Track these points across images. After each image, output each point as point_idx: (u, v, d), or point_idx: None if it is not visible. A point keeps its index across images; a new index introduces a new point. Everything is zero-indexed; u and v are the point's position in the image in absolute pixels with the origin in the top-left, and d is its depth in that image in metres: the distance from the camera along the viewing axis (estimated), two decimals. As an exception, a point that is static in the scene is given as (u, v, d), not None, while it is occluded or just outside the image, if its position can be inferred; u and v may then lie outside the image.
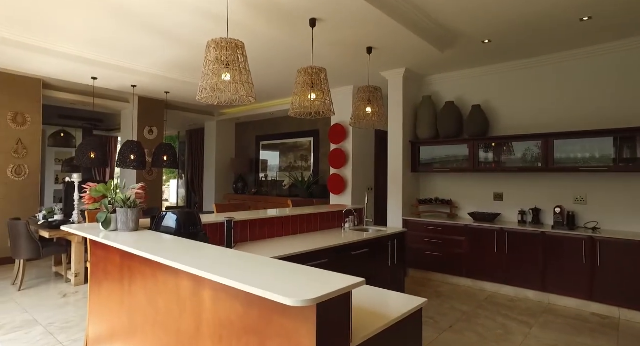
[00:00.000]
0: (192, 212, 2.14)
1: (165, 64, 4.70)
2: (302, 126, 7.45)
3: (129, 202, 1.98)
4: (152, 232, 2.07)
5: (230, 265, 1.38)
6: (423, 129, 5.00)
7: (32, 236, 4.18)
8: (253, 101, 2.39)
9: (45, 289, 4.18)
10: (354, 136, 5.93)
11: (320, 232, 3.39)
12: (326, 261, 2.67)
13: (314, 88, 2.88)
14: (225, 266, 1.36)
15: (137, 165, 5.29)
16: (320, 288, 1.08)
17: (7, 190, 5.29)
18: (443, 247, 4.52)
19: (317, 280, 1.20)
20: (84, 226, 2.23)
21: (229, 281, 1.15)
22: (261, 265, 1.40)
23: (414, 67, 4.72)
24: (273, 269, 1.34)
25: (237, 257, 1.53)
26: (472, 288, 4.28)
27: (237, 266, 1.37)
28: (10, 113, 5.34)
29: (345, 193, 5.94)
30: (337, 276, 1.25)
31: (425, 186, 5.30)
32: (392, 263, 3.40)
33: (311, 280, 1.21)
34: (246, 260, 1.49)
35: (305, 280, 1.20)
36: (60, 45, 4.05)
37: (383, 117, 3.57)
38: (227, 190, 8.56)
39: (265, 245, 2.73)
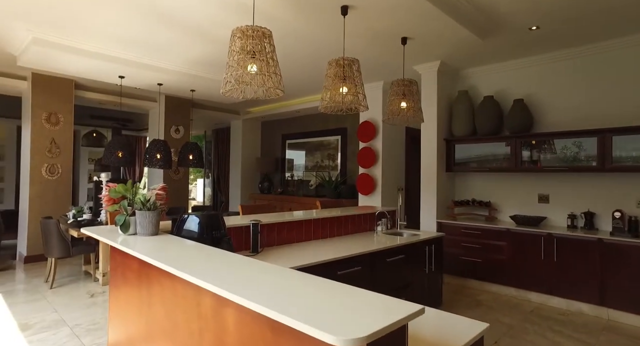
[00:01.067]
0: (215, 215, 1.98)
1: (190, 61, 4.62)
2: (329, 124, 7.24)
3: (148, 204, 1.84)
4: (173, 237, 1.92)
5: (258, 282, 1.19)
6: (459, 126, 4.68)
7: (63, 235, 4.19)
8: (281, 94, 2.20)
9: (74, 288, 4.19)
10: (384, 134, 5.66)
11: (351, 236, 3.17)
12: (359, 269, 2.45)
13: (345, 81, 2.66)
14: (252, 284, 1.17)
15: (163, 164, 5.25)
16: (371, 320, 0.86)
17: (42, 189, 5.39)
18: (482, 252, 4.20)
19: (365, 306, 0.99)
20: (103, 228, 2.12)
21: (257, 306, 0.97)
22: (295, 283, 1.20)
23: (450, 59, 4.41)
24: (310, 289, 1.14)
25: (265, 271, 1.34)
26: (515, 297, 3.94)
27: (266, 284, 1.18)
28: (45, 113, 5.44)
29: (374, 194, 5.69)
30: (389, 302, 1.03)
31: (461, 186, 4.97)
32: (429, 270, 3.13)
33: (357, 306, 1.00)
34: (277, 275, 1.29)
35: (350, 306, 0.99)
36: (88, 43, 4.03)
37: (419, 112, 3.31)
38: (252, 189, 8.48)
39: (293, 250, 2.54)
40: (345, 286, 1.18)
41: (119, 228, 1.87)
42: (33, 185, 5.32)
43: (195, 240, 1.91)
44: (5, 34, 3.82)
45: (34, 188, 5.32)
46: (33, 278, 4.59)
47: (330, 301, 1.03)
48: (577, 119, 4.01)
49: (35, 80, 5.34)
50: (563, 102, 4.11)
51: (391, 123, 3.47)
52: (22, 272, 4.87)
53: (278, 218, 2.72)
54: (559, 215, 4.07)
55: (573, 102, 4.05)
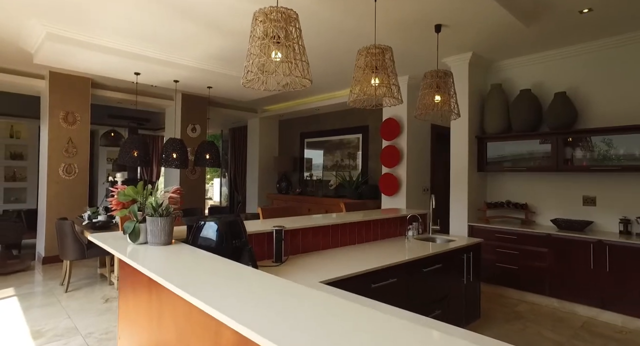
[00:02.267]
0: (235, 221, 1.75)
1: (208, 56, 4.43)
2: (349, 122, 6.98)
3: (160, 209, 1.62)
4: (188, 247, 1.70)
5: (294, 316, 0.95)
6: (491, 122, 4.34)
7: (78, 237, 4.07)
8: (308, 84, 1.96)
9: (89, 291, 4.07)
10: (409, 131, 5.36)
11: (381, 242, 2.91)
12: (395, 281, 2.19)
13: (377, 71, 2.40)
14: (287, 319, 0.92)
15: (180, 163, 5.09)
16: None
17: (59, 189, 5.32)
18: (519, 258, 3.86)
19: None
20: (112, 236, 1.92)
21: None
22: (344, 319, 0.95)
23: (483, 50, 4.08)
24: (364, 325, 0.89)
25: (300, 299, 1.09)
26: (558, 309, 3.59)
27: (304, 319, 0.93)
28: (62, 112, 5.37)
29: (398, 195, 5.40)
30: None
31: (493, 187, 4.63)
32: (467, 280, 2.84)
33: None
34: (317, 304, 1.05)
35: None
36: (103, 39, 3.89)
37: (455, 106, 3.01)
38: (270, 189, 8.29)
39: (320, 259, 2.29)
40: (413, 325, 0.92)
41: (127, 237, 1.67)
42: (50, 185, 5.25)
43: (213, 250, 1.68)
44: (20, 31, 3.71)
45: (51, 188, 5.25)
46: (49, 280, 4.50)
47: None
48: (629, 113, 3.62)
49: (52, 79, 5.26)
50: (613, 94, 3.73)
51: (423, 119, 3.19)
52: (40, 274, 4.79)
53: (303, 223, 2.48)
54: (607, 219, 3.70)
55: (625, 94, 3.66)
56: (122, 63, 4.30)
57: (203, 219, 1.75)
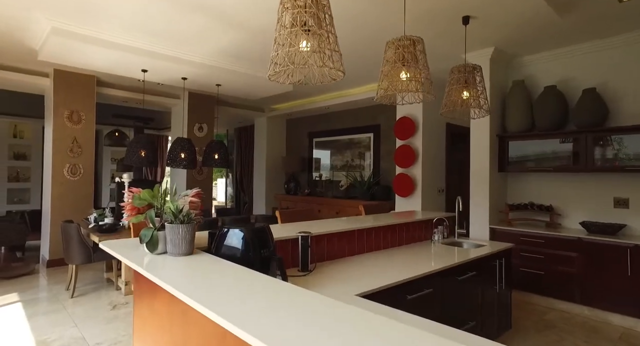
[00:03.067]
0: (263, 229, 1.58)
1: (218, 52, 4.26)
2: (360, 121, 6.80)
3: (181, 216, 1.45)
4: (211, 257, 1.52)
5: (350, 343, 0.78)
6: (513, 120, 4.16)
7: (84, 240, 3.91)
8: (341, 76, 1.78)
9: (96, 297, 3.90)
10: (424, 130, 5.18)
11: (408, 247, 2.73)
12: (431, 292, 2.01)
13: (406, 64, 2.22)
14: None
15: (188, 163, 4.93)
16: None
17: (63, 190, 5.17)
18: (546, 263, 3.67)
19: None
20: (125, 244, 1.75)
21: None
22: None
23: (507, 45, 3.89)
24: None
25: (354, 323, 0.92)
26: (591, 318, 3.40)
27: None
28: (67, 111, 5.22)
29: (413, 196, 5.21)
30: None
31: (514, 188, 4.44)
32: (499, 288, 2.66)
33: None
34: (374, 326, 0.88)
35: None
36: (110, 33, 3.72)
37: (484, 102, 2.82)
38: (278, 190, 8.12)
39: (349, 267, 2.12)
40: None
41: (144, 246, 1.49)
42: (55, 186, 5.10)
43: (239, 260, 1.51)
44: (24, 26, 3.55)
45: (55, 189, 5.10)
46: (54, 284, 4.34)
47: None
48: (664, 111, 3.43)
49: (57, 77, 5.11)
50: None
51: (450, 116, 3.01)
52: (44, 278, 4.63)
53: (328, 228, 2.30)
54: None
55: (658, 90, 3.47)
56: (130, 59, 4.14)
57: (227, 226, 1.58)
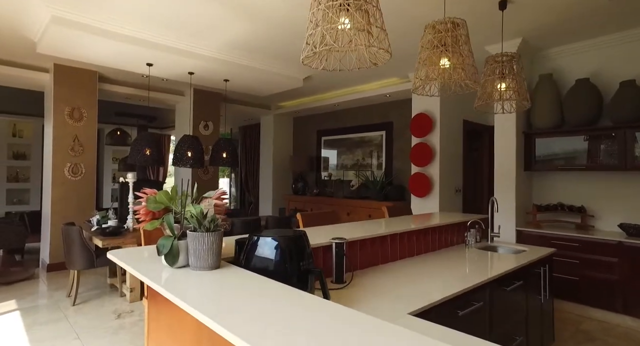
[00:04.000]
0: (300, 237, 1.35)
1: (230, 45, 4.03)
2: (371, 118, 6.56)
3: (206, 222, 1.22)
4: (242, 272, 1.29)
5: None
6: (541, 116, 3.92)
7: (86, 244, 3.68)
8: (387, 58, 1.55)
9: (99, 304, 3.67)
10: (442, 127, 4.94)
11: (440, 253, 2.50)
12: (481, 306, 1.77)
13: (448, 51, 1.98)
14: None
15: (195, 162, 4.69)
16: None
17: (64, 191, 4.93)
18: (580, 268, 3.44)
19: None
20: (137, 253, 1.51)
21: None
22: None
23: (536, 36, 3.66)
24: None
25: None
26: (634, 329, 3.15)
27: None
28: (68, 108, 4.98)
29: (430, 196, 4.97)
30: None
31: (540, 188, 4.21)
32: (543, 297, 2.42)
33: None
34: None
35: None
36: (113, 24, 3.49)
37: (524, 94, 2.59)
38: (285, 190, 7.89)
39: (386, 277, 1.88)
40: None
41: (162, 259, 1.26)
42: (55, 187, 4.86)
43: (273, 274, 1.28)
44: (23, 15, 3.32)
45: (56, 189, 4.87)
46: (55, 290, 4.10)
47: None
48: None
49: (57, 72, 4.88)
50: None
51: (484, 110, 2.77)
52: (44, 283, 4.40)
53: (359, 233, 2.07)
54: (684, 224, 3.27)
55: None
56: (134, 52, 3.90)
57: (258, 234, 1.35)
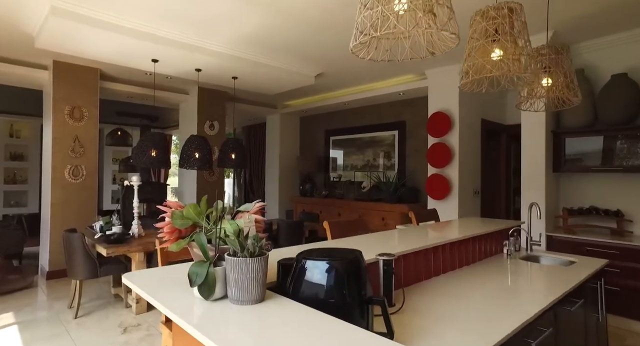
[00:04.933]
0: (357, 260, 1.11)
1: (241, 40, 3.79)
2: (382, 117, 6.33)
3: (250, 245, 0.98)
4: (293, 305, 1.04)
5: None
6: (571, 114, 3.70)
7: (89, 253, 3.44)
8: (456, 42, 1.31)
9: (103, 317, 3.43)
10: (461, 126, 4.72)
11: (481, 264, 2.27)
12: (551, 332, 1.54)
13: (500, 40, 1.75)
14: None
15: (202, 164, 4.45)
16: None
17: (65, 194, 4.68)
18: (621, 278, 3.21)
19: None
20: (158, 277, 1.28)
21: None
22: None
23: (569, 28, 3.43)
24: None
25: None
26: (681, 343, 2.94)
27: None
28: (68, 107, 4.74)
29: (449, 198, 4.75)
30: None
31: (569, 191, 3.98)
32: (600, 315, 2.19)
33: None
34: None
35: None
36: (117, 16, 3.25)
37: (575, 90, 2.35)
38: (292, 191, 7.65)
39: (436, 298, 1.65)
40: None
41: (195, 290, 1.02)
42: (55, 189, 4.61)
43: (328, 306, 1.04)
44: (20, 6, 3.07)
45: (56, 192, 4.62)
46: (55, 301, 3.86)
47: None
48: None
49: (57, 70, 4.63)
50: None
51: (524, 109, 2.53)
52: (44, 292, 4.16)
53: (400, 245, 1.83)
54: None
55: None
56: (139, 46, 3.66)
57: (306, 256, 1.11)
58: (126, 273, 1.28)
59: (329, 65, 4.69)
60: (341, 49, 4.03)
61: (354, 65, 4.69)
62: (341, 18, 3.26)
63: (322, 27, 3.47)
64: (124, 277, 1.25)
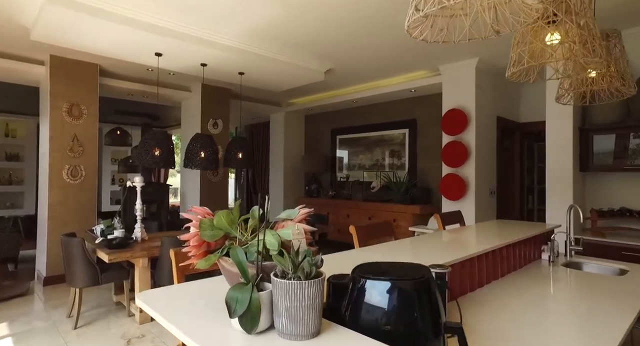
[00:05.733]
0: (427, 275, 0.90)
1: (251, 33, 3.58)
2: (392, 115, 6.12)
3: (307, 265, 0.77)
4: (353, 336, 0.84)
5: None
6: (601, 109, 3.51)
7: (89, 259, 3.21)
8: (535, 16, 1.11)
9: (104, 327, 3.21)
10: (478, 124, 4.52)
11: (523, 273, 2.07)
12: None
13: (558, 22, 1.54)
14: None
15: (209, 164, 4.23)
16: None
17: (63, 195, 4.45)
18: (657, 283, 3.01)
19: None
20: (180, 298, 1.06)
21: None
22: None
23: (607, 15, 3.23)
24: None
25: None
26: None
27: None
28: (66, 104, 4.51)
29: (465, 199, 4.55)
30: None
31: (596, 191, 3.79)
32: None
33: None
34: None
35: None
36: (120, 4, 3.02)
37: (630, 80, 2.15)
38: (297, 191, 7.44)
39: (493, 315, 1.45)
40: None
41: (235, 322, 0.80)
42: (53, 191, 4.38)
43: (395, 338, 0.83)
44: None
45: (53, 194, 4.39)
46: (53, 309, 3.63)
47: None
48: None
49: (54, 65, 4.40)
50: None
51: (564, 102, 2.33)
52: (41, 299, 3.93)
53: (451, 254, 1.62)
54: None
55: None
56: (142, 39, 3.43)
57: (364, 274, 0.90)
58: (141, 293, 1.07)
59: (339, 61, 4.48)
60: (354, 43, 3.82)
61: (365, 61, 4.48)
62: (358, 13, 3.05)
63: (336, 20, 3.27)
64: (140, 300, 1.04)
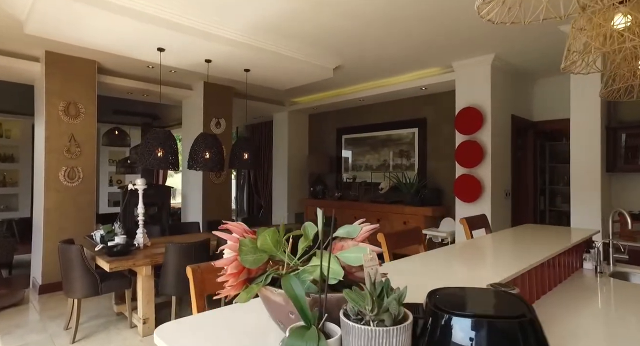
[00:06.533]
0: (531, 322, 0.70)
1: (259, 26, 3.39)
2: (400, 114, 5.94)
3: (391, 304, 0.57)
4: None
5: None
6: (629, 107, 3.34)
7: (89, 267, 3.00)
8: None
9: (105, 340, 3.00)
10: (493, 123, 4.34)
11: (567, 285, 1.88)
12: None
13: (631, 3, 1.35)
14: None
15: (214, 165, 4.03)
16: None
17: (60, 199, 4.23)
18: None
19: None
20: (210, 334, 0.86)
21: None
22: None
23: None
24: None
25: None
26: None
27: None
28: (62, 103, 4.28)
29: (480, 201, 4.36)
30: None
31: (622, 192, 3.62)
32: None
33: None
34: None
35: None
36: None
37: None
38: (301, 193, 7.23)
39: (561, 338, 1.24)
40: None
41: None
42: (49, 193, 4.16)
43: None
44: (4, -19, 2.64)
45: (49, 197, 4.17)
46: (49, 321, 3.41)
47: None
48: None
49: (49, 61, 4.18)
50: None
51: (612, 98, 2.14)
52: (36, 309, 3.71)
53: (505, 269, 1.43)
54: None
55: None
56: (144, 32, 3.22)
57: (444, 307, 0.70)
58: (159, 327, 0.87)
59: (350, 56, 4.28)
60: (369, 36, 3.63)
61: (377, 57, 4.29)
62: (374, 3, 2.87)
63: (352, 11, 3.07)
64: (156, 335, 0.84)
